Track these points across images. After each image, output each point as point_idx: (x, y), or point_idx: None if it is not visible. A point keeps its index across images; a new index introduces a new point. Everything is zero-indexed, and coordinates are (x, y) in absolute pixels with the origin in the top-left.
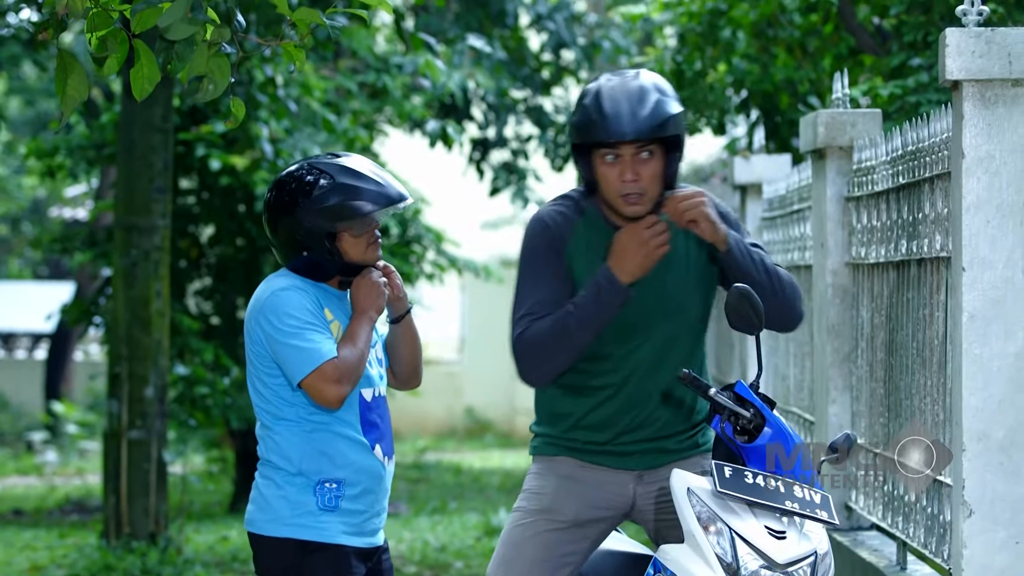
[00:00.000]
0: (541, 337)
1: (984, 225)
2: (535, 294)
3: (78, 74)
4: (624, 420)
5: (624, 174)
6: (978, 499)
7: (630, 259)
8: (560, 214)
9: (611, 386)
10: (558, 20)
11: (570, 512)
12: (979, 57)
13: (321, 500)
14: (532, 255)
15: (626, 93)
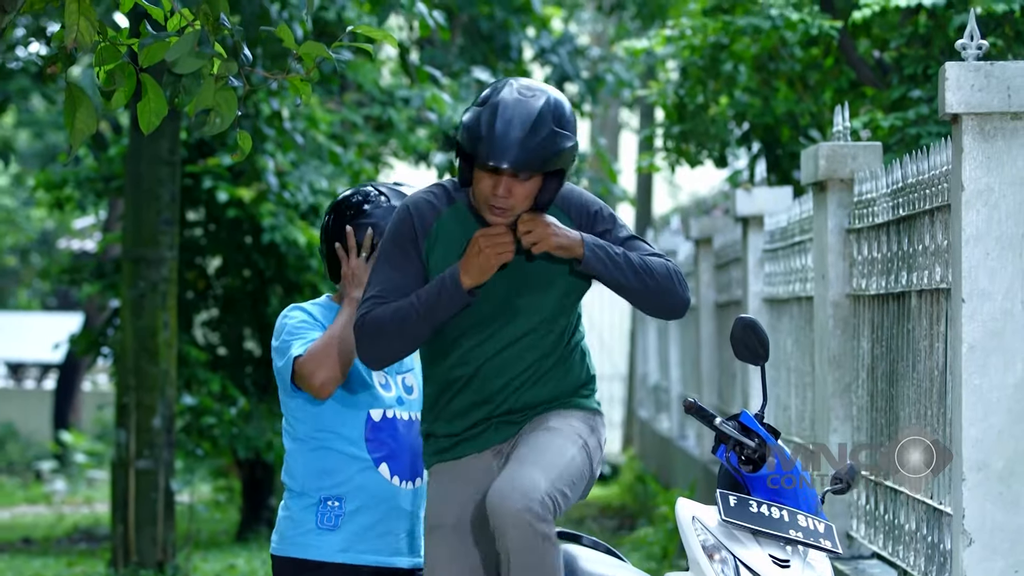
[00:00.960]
0: (381, 322)
1: (983, 257)
2: (385, 279)
3: (86, 107)
4: (477, 412)
5: (497, 188)
6: (978, 528)
7: (474, 262)
8: (427, 202)
9: (462, 378)
10: (562, 54)
11: (451, 516)
12: (978, 91)
13: (320, 519)
14: (390, 240)
15: (521, 118)
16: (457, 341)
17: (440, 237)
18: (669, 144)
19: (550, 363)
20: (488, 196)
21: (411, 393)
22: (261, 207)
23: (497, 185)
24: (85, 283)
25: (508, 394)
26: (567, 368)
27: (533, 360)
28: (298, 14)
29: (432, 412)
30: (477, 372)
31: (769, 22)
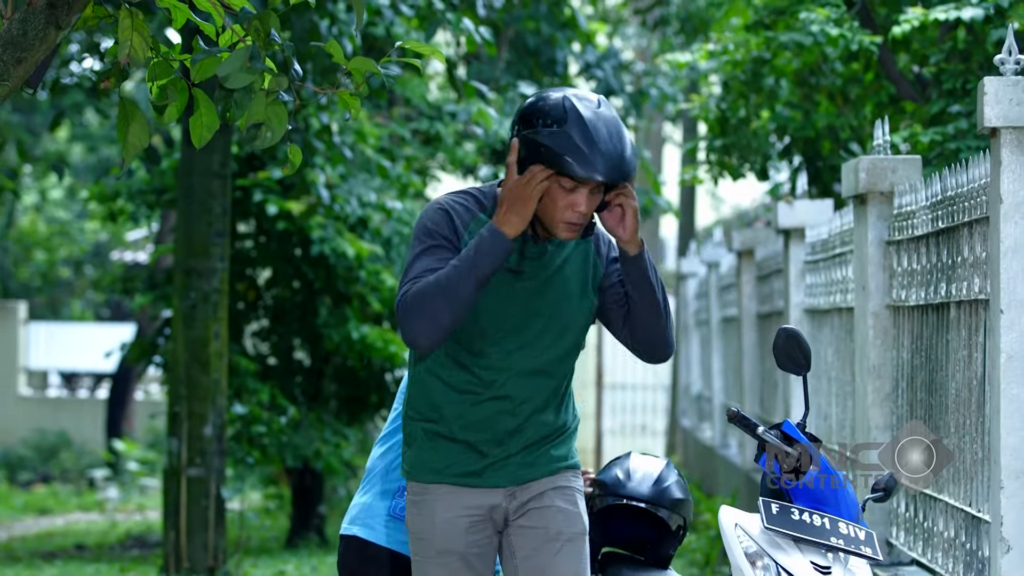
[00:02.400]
0: (425, 292)
1: (1022, 268)
2: (423, 265)
3: (139, 121)
4: (500, 424)
5: (579, 205)
6: (1016, 535)
7: (511, 209)
8: (463, 205)
9: (489, 384)
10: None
11: (461, 544)
12: (1016, 105)
13: (393, 508)
14: (427, 233)
15: (610, 130)
16: (485, 345)
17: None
18: (712, 157)
19: (563, 389)
20: (567, 214)
21: None
22: (310, 219)
23: (579, 203)
24: (137, 294)
25: (524, 419)
26: (569, 398)
27: (555, 384)
28: (347, 30)
29: (446, 417)
30: (505, 380)
31: (811, 38)
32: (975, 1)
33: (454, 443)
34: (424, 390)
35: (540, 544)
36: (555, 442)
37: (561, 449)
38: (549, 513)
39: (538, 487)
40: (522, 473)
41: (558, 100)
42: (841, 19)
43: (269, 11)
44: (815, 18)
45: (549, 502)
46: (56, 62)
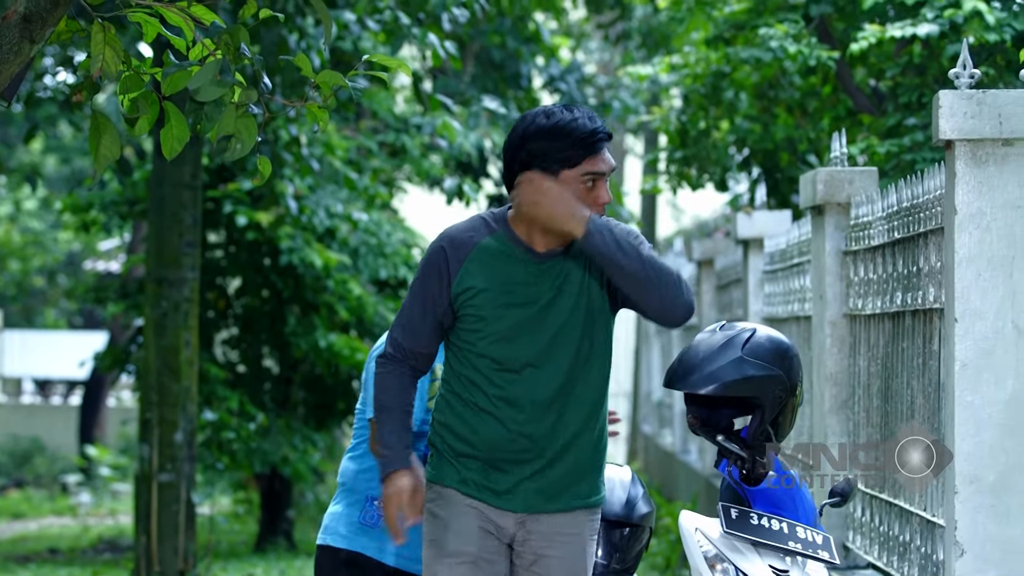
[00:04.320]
0: (377, 393)
1: (976, 278)
2: (404, 327)
3: (111, 134)
4: (518, 446)
5: (601, 196)
6: (970, 540)
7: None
8: (464, 233)
9: (508, 407)
10: (570, 81)
11: (473, 549)
12: (971, 118)
13: (363, 516)
14: (420, 274)
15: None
16: (509, 369)
17: (476, 267)
18: (672, 168)
19: (590, 418)
20: (592, 207)
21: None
22: (279, 230)
23: (600, 193)
24: (110, 303)
25: (546, 443)
26: (598, 431)
27: (578, 409)
28: (316, 44)
29: (463, 431)
30: (522, 404)
31: (770, 53)
32: (931, 17)
33: (474, 459)
34: (445, 408)
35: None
36: (577, 474)
37: (582, 485)
38: (552, 564)
39: (548, 526)
40: (536, 503)
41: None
42: (800, 34)
43: (239, 25)
44: (774, 34)
45: (554, 552)
46: (30, 75)
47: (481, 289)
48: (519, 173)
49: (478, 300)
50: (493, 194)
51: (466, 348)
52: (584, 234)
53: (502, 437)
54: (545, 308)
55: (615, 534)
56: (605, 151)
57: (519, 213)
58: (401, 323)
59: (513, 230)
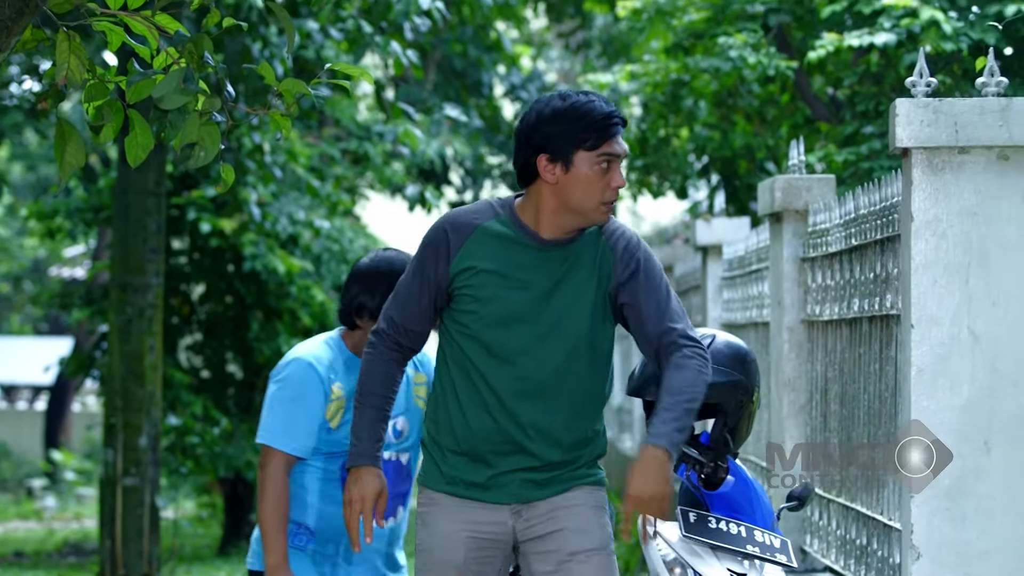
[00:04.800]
0: (362, 376)
1: (932, 284)
2: (401, 308)
3: (76, 141)
4: (506, 436)
5: (614, 179)
6: (926, 543)
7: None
8: (469, 214)
9: (495, 395)
10: (531, 90)
11: (459, 557)
12: (927, 126)
13: (292, 539)
14: (419, 253)
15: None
16: (500, 353)
17: (477, 248)
18: (632, 176)
19: (581, 408)
20: (604, 194)
21: (399, 436)
22: (243, 237)
23: (614, 177)
24: (75, 309)
25: (537, 427)
26: (590, 420)
27: (567, 400)
28: (279, 53)
29: (450, 424)
30: (511, 392)
31: (729, 63)
32: (888, 26)
33: (461, 454)
34: (437, 400)
35: (556, 566)
36: (568, 464)
37: (577, 471)
38: (562, 536)
39: (545, 507)
40: (527, 492)
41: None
42: (758, 44)
43: (202, 34)
44: (733, 43)
45: (559, 525)
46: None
47: (480, 270)
48: (532, 156)
49: (476, 280)
50: (455, 201)
51: (459, 333)
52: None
53: (490, 428)
54: (544, 296)
55: None
56: (619, 136)
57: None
58: (396, 296)
59: (519, 216)
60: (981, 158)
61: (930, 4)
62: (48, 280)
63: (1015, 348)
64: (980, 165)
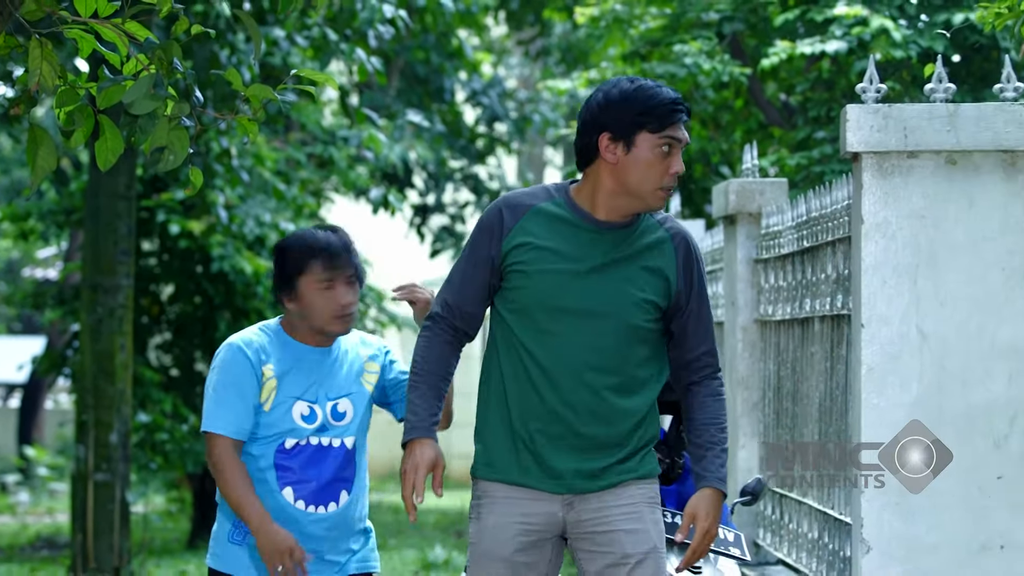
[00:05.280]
0: (417, 356)
1: (881, 285)
2: (455, 291)
3: (48, 146)
4: (556, 419)
5: (674, 164)
6: (876, 537)
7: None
8: (524, 195)
9: (545, 375)
10: (492, 95)
11: (508, 550)
12: (877, 131)
13: (231, 535)
14: (472, 236)
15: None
16: (551, 331)
17: (531, 226)
18: None
19: (633, 394)
20: (662, 179)
21: (341, 419)
22: (211, 238)
23: (674, 162)
24: (48, 308)
25: (588, 411)
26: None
27: (617, 383)
28: (246, 59)
29: (500, 409)
30: (561, 372)
31: (684, 69)
32: (839, 34)
33: (511, 441)
34: (486, 387)
35: (606, 567)
36: (619, 452)
37: (629, 462)
38: (614, 538)
39: (597, 502)
40: (579, 483)
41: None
42: (713, 51)
43: (171, 41)
44: (688, 50)
45: (612, 525)
46: None
47: (533, 246)
48: (595, 135)
49: (527, 256)
50: (417, 204)
51: (508, 310)
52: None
53: (537, 406)
54: (594, 275)
55: None
56: (683, 125)
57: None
58: (450, 281)
59: (574, 199)
60: (929, 162)
61: (880, 13)
62: (21, 281)
63: (962, 347)
64: (928, 169)
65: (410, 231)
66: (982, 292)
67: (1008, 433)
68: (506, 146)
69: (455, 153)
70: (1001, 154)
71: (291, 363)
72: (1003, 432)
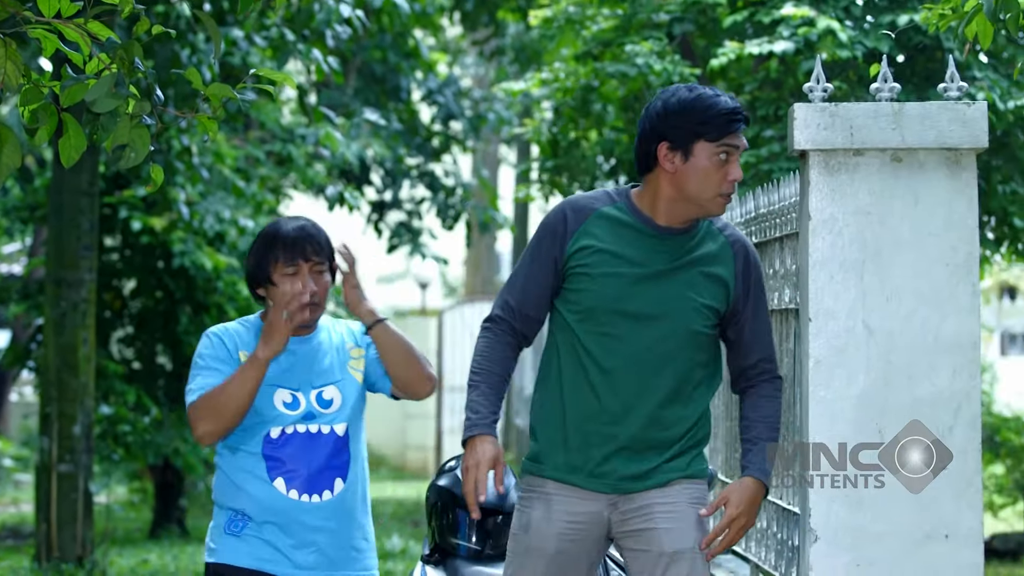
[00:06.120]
0: (477, 356)
1: (828, 280)
2: (518, 292)
3: (12, 143)
4: (608, 419)
5: (732, 171)
6: (823, 526)
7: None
8: (587, 199)
9: (601, 375)
10: (447, 95)
11: (552, 545)
12: (824, 129)
13: (228, 527)
14: (538, 234)
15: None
16: (608, 332)
17: (594, 229)
18: (544, 177)
19: (686, 396)
20: (721, 186)
21: (328, 407)
22: (172, 234)
23: (732, 170)
24: (12, 303)
25: (640, 411)
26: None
27: (671, 386)
28: (206, 59)
29: (556, 408)
30: (616, 373)
31: (636, 69)
32: (786, 35)
33: (565, 439)
34: (544, 386)
35: (646, 565)
36: (668, 452)
37: (678, 461)
38: (655, 535)
39: (642, 500)
40: (625, 484)
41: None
42: (663, 51)
43: (133, 41)
44: (640, 51)
45: (653, 524)
46: None
47: (596, 249)
48: (654, 144)
49: (590, 259)
50: (375, 200)
51: (569, 312)
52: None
53: (593, 407)
54: (654, 279)
55: (488, 522)
56: (741, 132)
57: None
58: (512, 282)
59: (636, 204)
60: (875, 160)
61: (826, 14)
62: None
63: (907, 341)
64: (874, 167)
65: (367, 227)
66: (927, 287)
67: (952, 425)
68: (461, 144)
69: (411, 151)
70: (945, 152)
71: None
72: (947, 424)
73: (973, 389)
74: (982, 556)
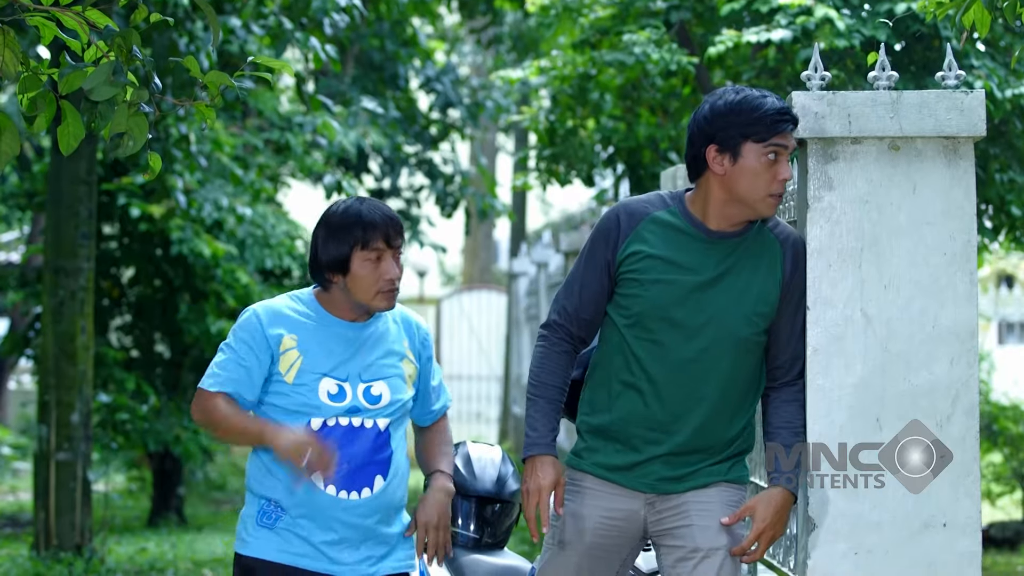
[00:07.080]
0: (534, 367)
1: (826, 268)
2: (570, 291)
3: (11, 131)
4: (653, 420)
5: (781, 171)
6: (821, 515)
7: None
8: (640, 203)
9: (646, 378)
10: (445, 83)
11: (587, 539)
12: (822, 118)
13: (260, 517)
14: (589, 242)
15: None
16: (656, 336)
17: (647, 234)
18: (541, 165)
19: (733, 401)
20: (771, 186)
21: (376, 402)
22: (170, 222)
23: (781, 170)
24: (10, 291)
25: (684, 415)
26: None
27: (717, 391)
28: (204, 47)
29: (604, 407)
30: (662, 376)
31: (633, 58)
32: (784, 23)
33: (610, 438)
34: (594, 384)
35: (677, 561)
36: (712, 459)
37: (719, 466)
38: (689, 532)
39: (677, 500)
40: (664, 485)
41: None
42: (661, 40)
43: (131, 29)
44: (637, 39)
45: (688, 521)
46: None
47: (647, 255)
48: (702, 147)
49: (642, 264)
50: (373, 188)
51: (620, 316)
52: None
53: (640, 411)
54: (706, 284)
55: (487, 510)
56: (789, 132)
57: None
58: (567, 288)
59: (688, 208)
60: (873, 148)
61: (824, 2)
62: None
63: (905, 329)
64: (872, 155)
65: None
66: (925, 275)
67: (950, 414)
68: (459, 132)
69: (409, 139)
70: (943, 140)
71: (319, 337)
72: (945, 413)
73: (971, 378)
74: (980, 544)
